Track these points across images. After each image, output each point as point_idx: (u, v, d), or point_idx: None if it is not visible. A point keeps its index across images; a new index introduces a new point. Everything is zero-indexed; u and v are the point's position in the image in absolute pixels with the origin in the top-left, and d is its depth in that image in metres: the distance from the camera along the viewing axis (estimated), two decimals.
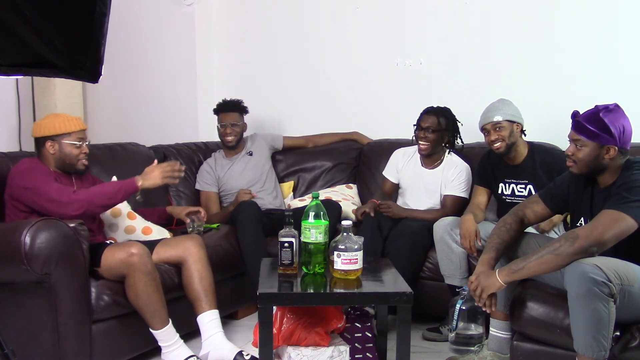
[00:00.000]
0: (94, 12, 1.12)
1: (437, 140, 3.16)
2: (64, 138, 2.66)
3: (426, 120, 3.16)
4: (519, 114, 2.87)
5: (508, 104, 2.87)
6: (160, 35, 4.29)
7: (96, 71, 1.19)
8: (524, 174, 2.86)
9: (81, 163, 2.72)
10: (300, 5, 4.12)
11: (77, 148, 2.69)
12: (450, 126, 3.18)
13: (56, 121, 2.69)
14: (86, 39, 1.15)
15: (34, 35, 1.12)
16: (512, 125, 2.83)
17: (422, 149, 3.18)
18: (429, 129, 3.13)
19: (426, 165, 3.27)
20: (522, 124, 2.87)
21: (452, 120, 3.19)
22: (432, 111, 3.17)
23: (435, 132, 3.13)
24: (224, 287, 2.90)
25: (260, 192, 3.61)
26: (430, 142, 3.15)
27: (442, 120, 3.14)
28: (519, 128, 2.86)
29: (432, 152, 3.20)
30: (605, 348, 1.93)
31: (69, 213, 2.45)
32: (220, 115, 3.67)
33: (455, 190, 3.16)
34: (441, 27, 3.70)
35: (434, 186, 3.23)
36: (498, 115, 2.83)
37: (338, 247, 2.19)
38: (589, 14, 3.32)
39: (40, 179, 2.54)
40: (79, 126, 2.72)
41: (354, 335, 2.46)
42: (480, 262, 2.27)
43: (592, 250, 1.99)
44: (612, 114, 2.10)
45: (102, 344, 2.43)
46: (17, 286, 2.35)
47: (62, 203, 2.47)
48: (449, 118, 3.18)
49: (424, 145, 3.16)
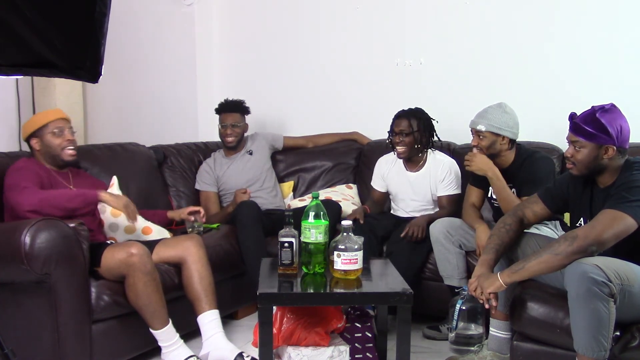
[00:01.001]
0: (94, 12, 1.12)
1: (412, 143, 3.14)
2: (43, 130, 2.69)
3: (398, 124, 3.15)
4: (509, 126, 2.74)
5: (500, 113, 2.75)
6: (160, 35, 4.29)
7: (96, 71, 1.19)
8: (509, 178, 2.79)
9: (67, 153, 2.71)
10: (300, 5, 4.12)
11: (57, 137, 2.69)
12: (424, 126, 3.15)
13: (35, 117, 2.76)
14: (86, 39, 1.15)
15: (34, 35, 1.12)
16: (495, 137, 2.74)
17: (400, 152, 3.18)
18: (403, 133, 3.13)
19: (410, 169, 3.26)
20: (509, 137, 2.75)
21: (424, 119, 3.17)
22: (403, 114, 3.17)
23: (409, 134, 3.12)
24: (224, 287, 2.90)
25: (259, 191, 3.61)
26: (407, 145, 3.14)
27: (414, 121, 3.13)
28: (504, 141, 2.75)
29: (410, 155, 3.18)
30: (605, 348, 1.93)
31: (23, 204, 2.44)
32: (222, 116, 3.67)
33: (448, 189, 3.16)
34: (441, 27, 3.70)
35: (422, 188, 3.22)
36: (482, 125, 2.75)
37: (338, 247, 2.19)
38: (588, 14, 3.32)
39: (22, 176, 2.55)
40: (55, 115, 2.73)
41: (354, 335, 2.46)
42: (480, 263, 2.27)
43: (591, 249, 1.99)
44: (608, 114, 2.10)
45: (102, 344, 2.43)
46: (17, 286, 2.35)
47: (19, 189, 2.48)
48: (421, 118, 3.15)
49: (401, 149, 3.16)
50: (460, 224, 2.88)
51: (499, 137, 2.76)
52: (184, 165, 3.73)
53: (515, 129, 2.79)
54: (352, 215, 3.20)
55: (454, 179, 3.17)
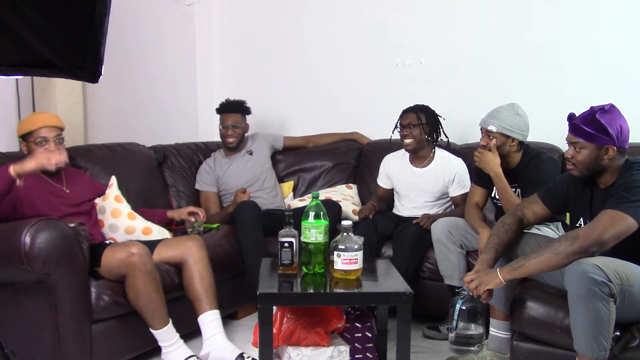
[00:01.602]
0: (94, 12, 1.12)
1: (420, 135, 3.18)
2: (28, 137, 2.58)
3: (406, 118, 3.20)
4: (520, 128, 2.73)
5: (512, 115, 2.73)
6: (160, 35, 4.29)
7: (96, 71, 1.19)
8: (514, 178, 2.80)
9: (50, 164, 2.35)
10: (300, 5, 4.12)
11: (40, 147, 2.52)
12: (431, 120, 3.20)
13: (25, 120, 2.63)
14: (86, 39, 1.15)
15: (34, 35, 1.12)
16: (505, 139, 2.73)
17: (407, 144, 3.21)
18: (410, 125, 3.17)
19: (416, 165, 3.28)
20: (519, 139, 2.74)
21: (431, 114, 3.22)
22: (411, 109, 3.23)
23: (416, 126, 3.17)
24: (224, 287, 2.90)
25: (259, 191, 3.61)
26: (414, 137, 3.18)
27: (421, 115, 3.19)
28: (514, 143, 2.74)
29: (417, 147, 3.21)
30: (605, 348, 1.93)
31: None
32: (223, 116, 3.66)
33: (461, 189, 3.19)
34: (441, 27, 3.70)
35: (428, 184, 3.24)
36: (492, 125, 2.74)
37: (338, 247, 2.20)
38: (588, 14, 3.32)
39: None
40: (42, 123, 2.53)
41: (354, 335, 2.46)
42: (480, 262, 2.27)
43: (592, 250, 1.99)
44: (608, 114, 2.10)
45: (102, 344, 2.43)
46: (17, 286, 2.35)
47: None
48: (428, 112, 3.21)
49: (408, 141, 3.19)
50: (461, 223, 2.88)
51: (509, 139, 2.74)
52: (184, 165, 3.73)
53: (526, 131, 2.77)
54: (362, 212, 3.22)
55: (465, 178, 3.20)
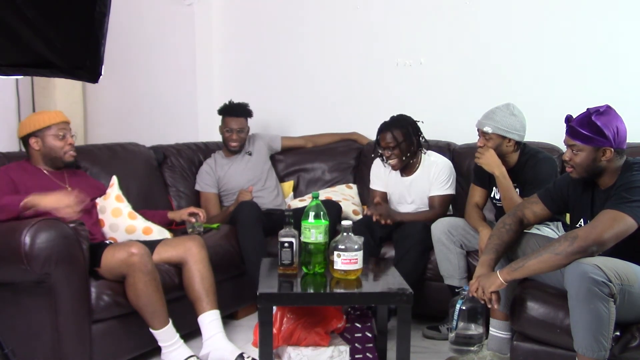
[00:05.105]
0: (94, 12, 1.12)
1: (401, 154, 3.12)
2: (45, 132, 2.69)
3: (383, 138, 3.13)
4: (516, 129, 2.72)
5: (507, 115, 2.73)
6: (160, 35, 4.29)
7: (96, 71, 1.19)
8: (512, 178, 2.77)
9: (68, 155, 2.74)
10: (300, 5, 4.12)
11: (60, 140, 2.71)
12: (408, 134, 3.11)
13: (36, 117, 2.73)
14: (86, 39, 1.15)
15: (34, 35, 1.12)
16: (501, 140, 2.73)
17: (393, 165, 3.17)
18: (390, 147, 3.11)
19: (405, 174, 3.24)
20: (515, 139, 2.73)
21: (407, 127, 3.12)
22: (385, 127, 3.13)
23: (396, 147, 3.10)
24: (224, 287, 2.89)
25: (261, 190, 3.61)
26: (397, 157, 3.13)
27: (397, 133, 3.09)
28: (510, 143, 2.73)
29: (403, 164, 3.17)
30: (605, 348, 1.93)
31: None
32: (227, 119, 3.63)
33: (439, 189, 3.14)
34: (441, 27, 3.70)
35: (417, 191, 3.21)
36: (488, 127, 2.73)
37: (338, 247, 2.19)
38: (586, 15, 3.33)
39: None
40: (59, 118, 2.74)
41: (354, 335, 2.46)
42: (480, 263, 2.27)
43: (591, 250, 1.99)
44: (604, 116, 2.09)
45: (102, 344, 2.43)
46: (17, 286, 2.35)
47: None
48: (403, 126, 3.11)
49: (392, 162, 3.15)
50: (461, 223, 2.88)
51: (505, 140, 2.74)
52: (184, 166, 3.73)
53: (522, 131, 2.76)
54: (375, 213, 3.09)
55: (446, 179, 3.14)
